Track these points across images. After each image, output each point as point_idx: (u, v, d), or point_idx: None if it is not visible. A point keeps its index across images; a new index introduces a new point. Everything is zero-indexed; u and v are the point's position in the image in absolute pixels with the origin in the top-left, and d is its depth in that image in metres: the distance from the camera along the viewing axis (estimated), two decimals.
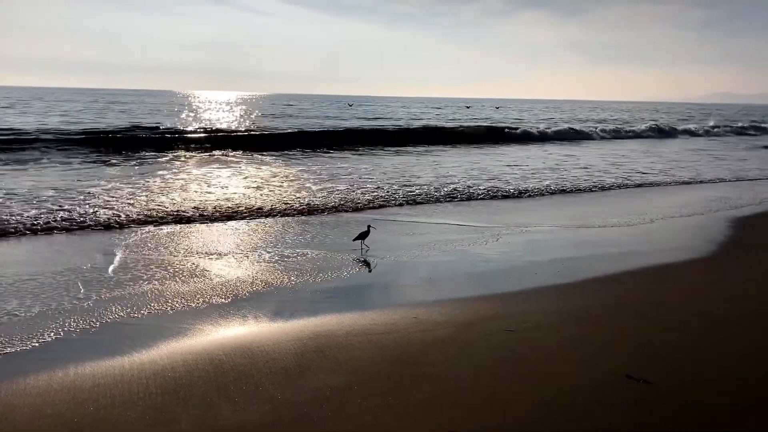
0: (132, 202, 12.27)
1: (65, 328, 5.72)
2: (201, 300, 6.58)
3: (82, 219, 10.44)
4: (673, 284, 7.45)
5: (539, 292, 7.05)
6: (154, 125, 32.70)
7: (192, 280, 7.29)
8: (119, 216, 10.78)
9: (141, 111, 52.74)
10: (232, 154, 23.25)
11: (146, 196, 13.09)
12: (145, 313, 6.15)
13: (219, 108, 71.37)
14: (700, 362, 5.00)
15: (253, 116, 51.42)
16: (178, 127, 33.44)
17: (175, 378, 4.66)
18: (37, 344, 5.37)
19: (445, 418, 4.09)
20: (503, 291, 7.10)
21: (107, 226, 10.11)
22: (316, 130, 32.67)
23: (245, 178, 16.80)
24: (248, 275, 7.52)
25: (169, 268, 7.78)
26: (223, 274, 7.56)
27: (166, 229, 10.19)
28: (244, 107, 73.62)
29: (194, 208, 11.90)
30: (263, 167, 19.33)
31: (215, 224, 10.68)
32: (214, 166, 19.35)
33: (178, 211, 11.56)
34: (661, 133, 45.51)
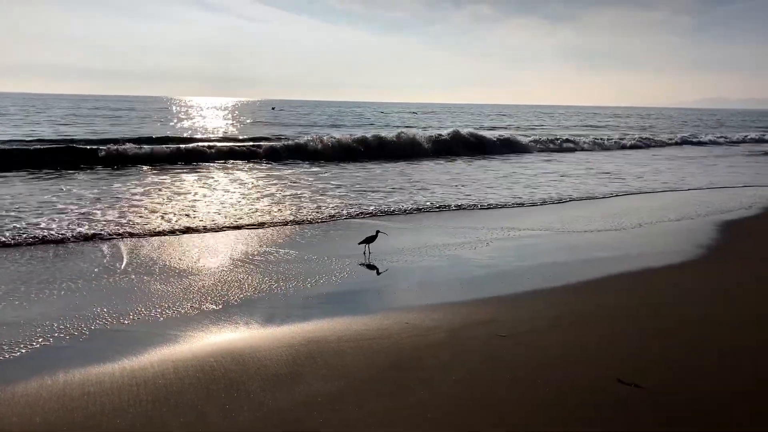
0: (113, 212, 12.19)
1: (54, 335, 5.67)
2: (192, 306, 6.54)
3: (63, 232, 10.13)
4: (662, 288, 7.48)
5: (531, 297, 7.06)
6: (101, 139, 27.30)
7: (182, 286, 7.25)
8: (105, 226, 10.67)
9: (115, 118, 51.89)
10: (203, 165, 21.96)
11: (125, 208, 13.01)
12: (136, 320, 6.11)
13: (201, 114, 70.96)
14: (691, 366, 5.03)
15: (237, 123, 51.60)
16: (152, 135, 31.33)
17: (166, 385, 4.63)
18: (25, 351, 5.32)
19: (439, 424, 4.09)
20: (495, 296, 7.10)
21: (92, 237, 9.99)
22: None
23: (225, 190, 16.73)
24: (239, 281, 7.49)
25: (159, 275, 7.73)
26: (213, 280, 7.53)
27: (153, 238, 10.13)
28: (227, 113, 73.71)
29: (184, 217, 11.85)
30: (234, 176, 19.28)
31: (204, 234, 10.62)
32: (183, 178, 19.28)
33: (162, 220, 11.49)
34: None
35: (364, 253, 8.92)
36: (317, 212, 12.30)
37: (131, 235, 10.03)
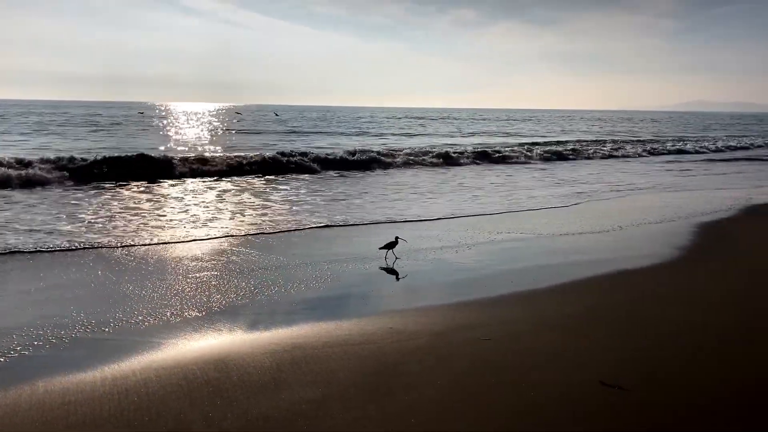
0: (90, 223, 12.07)
1: (34, 344, 5.58)
2: (174, 313, 6.48)
3: (45, 241, 9.96)
4: (644, 289, 7.55)
5: (514, 300, 7.10)
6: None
7: (165, 294, 7.18)
8: (84, 236, 10.53)
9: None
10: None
11: (101, 219, 12.89)
12: (117, 328, 6.04)
13: (177, 122, 69.84)
14: (673, 367, 5.08)
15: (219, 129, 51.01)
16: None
17: (148, 393, 4.57)
18: (3, 360, 5.23)
19: (423, 428, 4.08)
20: (479, 299, 7.12)
21: (71, 248, 9.86)
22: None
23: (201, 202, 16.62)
24: (222, 288, 7.44)
25: (140, 283, 7.66)
26: (196, 287, 7.47)
27: (134, 247, 10.04)
28: (208, 119, 72.94)
29: (165, 226, 11.77)
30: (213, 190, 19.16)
31: (185, 243, 10.54)
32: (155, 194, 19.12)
33: (142, 230, 11.39)
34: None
35: (386, 258, 8.95)
36: (296, 221, 12.27)
37: (111, 244, 9.92)
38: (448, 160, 27.76)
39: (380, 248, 9.05)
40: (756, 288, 7.70)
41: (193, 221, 11.91)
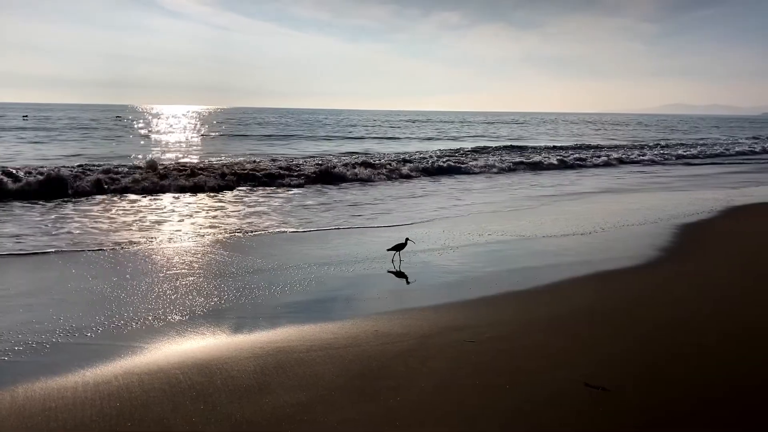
0: (70, 227, 11.95)
1: (14, 349, 5.51)
2: (157, 317, 6.43)
3: (18, 246, 9.80)
4: (625, 290, 7.63)
5: (499, 302, 7.13)
6: None
7: (147, 298, 7.13)
8: (65, 239, 10.43)
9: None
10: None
11: (81, 224, 12.77)
12: (99, 332, 5.98)
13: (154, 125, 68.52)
14: (656, 368, 5.13)
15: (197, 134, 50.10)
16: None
17: (131, 399, 4.53)
18: None
19: (408, 431, 4.09)
20: (463, 302, 7.14)
21: (54, 251, 9.76)
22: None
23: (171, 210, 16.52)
24: (206, 292, 7.39)
25: (123, 287, 7.59)
26: (179, 291, 7.42)
27: (115, 250, 9.95)
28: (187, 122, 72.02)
29: (146, 230, 11.68)
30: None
31: (167, 245, 10.47)
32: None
33: (123, 233, 11.30)
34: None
35: (393, 260, 8.96)
36: (282, 224, 12.24)
37: (92, 248, 9.82)
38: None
39: (389, 249, 9.06)
40: (738, 288, 7.79)
41: (172, 224, 11.84)
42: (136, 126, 66.09)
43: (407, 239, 9.06)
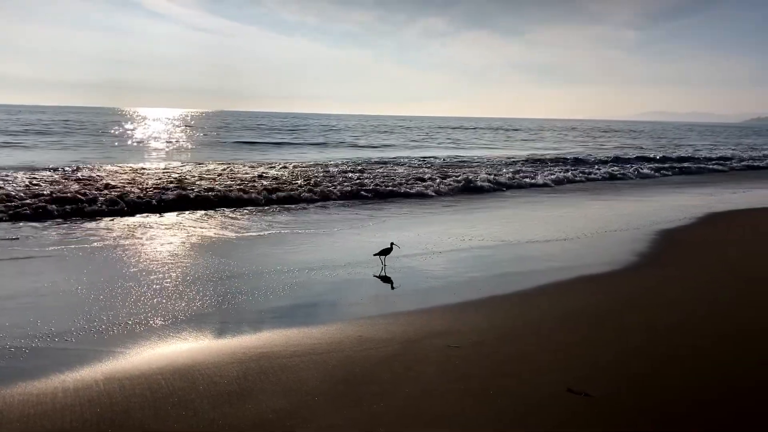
0: (47, 225, 11.80)
1: None
2: (138, 322, 6.36)
3: None
4: (610, 295, 7.68)
5: (483, 307, 7.14)
6: None
7: (129, 301, 7.05)
8: (44, 238, 10.32)
9: None
10: None
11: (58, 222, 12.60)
12: (80, 337, 5.91)
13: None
14: (640, 374, 5.16)
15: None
16: None
17: (112, 404, 4.48)
18: None
19: None
20: (448, 307, 7.14)
21: (34, 255, 9.66)
22: None
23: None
24: (189, 295, 7.33)
25: (103, 290, 7.51)
26: (162, 294, 7.35)
27: (95, 251, 9.85)
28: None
29: (126, 231, 11.57)
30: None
31: (149, 244, 10.38)
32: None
33: (102, 234, 11.19)
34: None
35: (383, 264, 8.92)
36: (267, 226, 12.20)
37: (72, 248, 9.71)
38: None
39: (375, 254, 9.05)
40: (725, 293, 7.87)
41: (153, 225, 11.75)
42: (113, 131, 59.90)
43: (392, 244, 9.07)
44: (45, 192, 14.56)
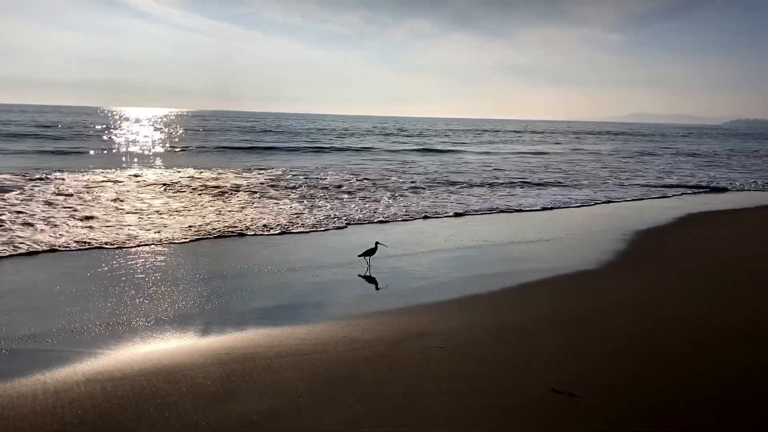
0: (24, 228, 11.66)
1: None
2: (120, 323, 6.30)
3: None
4: (594, 295, 7.72)
5: (468, 307, 7.16)
6: None
7: (110, 302, 6.98)
8: (21, 240, 10.16)
9: None
10: None
11: (35, 223, 12.45)
12: (60, 338, 5.83)
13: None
14: (623, 374, 5.19)
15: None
16: None
17: (93, 406, 4.43)
18: None
19: None
20: (433, 307, 7.16)
21: (11, 254, 9.51)
22: None
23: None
24: (171, 296, 7.27)
25: (85, 291, 7.42)
26: (144, 295, 7.28)
27: (76, 253, 9.73)
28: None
29: (106, 230, 11.46)
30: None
31: (133, 248, 10.28)
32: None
33: (81, 234, 11.07)
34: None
35: (368, 264, 8.94)
36: (252, 224, 12.14)
37: (51, 250, 9.59)
38: None
39: (360, 255, 9.03)
40: (708, 295, 7.95)
41: (137, 225, 11.62)
42: (91, 132, 55.02)
43: (377, 243, 9.06)
44: None
